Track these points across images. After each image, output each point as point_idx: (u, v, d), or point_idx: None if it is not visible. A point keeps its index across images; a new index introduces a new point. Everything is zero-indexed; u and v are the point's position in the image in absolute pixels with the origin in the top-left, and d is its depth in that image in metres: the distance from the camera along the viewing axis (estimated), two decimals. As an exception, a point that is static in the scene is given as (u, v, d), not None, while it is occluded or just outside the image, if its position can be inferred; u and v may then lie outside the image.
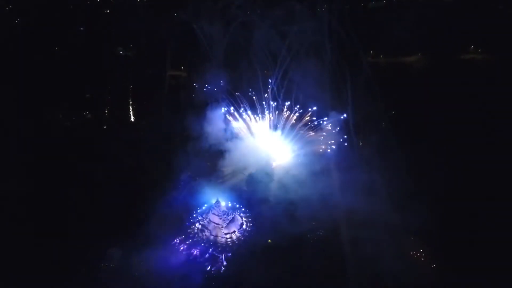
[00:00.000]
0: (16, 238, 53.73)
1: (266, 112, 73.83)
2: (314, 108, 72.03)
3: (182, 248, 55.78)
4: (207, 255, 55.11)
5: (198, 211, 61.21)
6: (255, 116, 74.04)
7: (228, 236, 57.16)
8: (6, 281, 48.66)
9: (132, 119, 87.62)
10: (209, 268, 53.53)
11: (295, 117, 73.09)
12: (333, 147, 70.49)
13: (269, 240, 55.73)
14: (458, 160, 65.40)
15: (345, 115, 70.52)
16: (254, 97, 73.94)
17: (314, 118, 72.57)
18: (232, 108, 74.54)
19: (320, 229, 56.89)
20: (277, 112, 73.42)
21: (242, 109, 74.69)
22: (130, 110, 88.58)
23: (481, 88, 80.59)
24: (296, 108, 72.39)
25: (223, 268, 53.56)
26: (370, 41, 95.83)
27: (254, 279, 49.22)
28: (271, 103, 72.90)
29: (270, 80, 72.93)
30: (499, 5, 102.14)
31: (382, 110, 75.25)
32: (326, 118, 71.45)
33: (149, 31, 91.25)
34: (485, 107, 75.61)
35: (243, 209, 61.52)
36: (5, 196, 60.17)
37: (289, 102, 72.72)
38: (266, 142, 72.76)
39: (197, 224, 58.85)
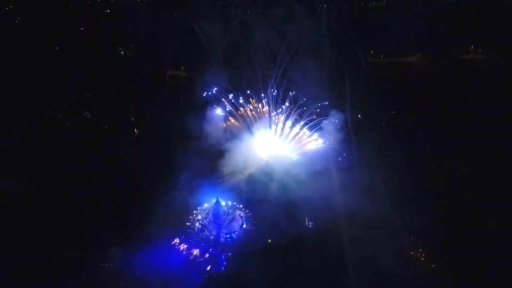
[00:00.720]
0: (16, 238, 53.70)
1: (266, 110, 73.83)
2: (314, 107, 72.06)
3: (182, 248, 55.77)
4: (207, 255, 55.07)
5: (198, 211, 61.20)
6: (255, 113, 74.09)
7: (228, 236, 57.18)
8: (6, 281, 48.63)
9: (132, 119, 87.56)
10: (209, 268, 53.50)
11: (295, 117, 73.10)
12: (333, 146, 70.51)
13: (269, 240, 55.70)
14: (458, 160, 65.42)
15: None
16: (253, 97, 73.97)
17: (315, 117, 72.66)
18: (231, 107, 74.70)
19: (320, 229, 56.79)
20: (276, 110, 73.46)
21: (241, 108, 74.81)
22: (130, 110, 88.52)
23: (481, 88, 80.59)
24: (296, 107, 72.37)
25: (223, 268, 53.52)
26: (370, 41, 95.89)
27: (254, 279, 49.17)
28: (272, 97, 72.96)
29: (270, 79, 72.93)
30: (499, 5, 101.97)
31: (381, 110, 75.29)
32: (327, 118, 71.55)
33: (149, 31, 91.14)
34: (485, 107, 75.64)
35: (243, 209, 61.50)
36: (5, 196, 60.11)
37: (288, 102, 72.76)
38: (266, 142, 72.75)
39: (197, 224, 58.86)
